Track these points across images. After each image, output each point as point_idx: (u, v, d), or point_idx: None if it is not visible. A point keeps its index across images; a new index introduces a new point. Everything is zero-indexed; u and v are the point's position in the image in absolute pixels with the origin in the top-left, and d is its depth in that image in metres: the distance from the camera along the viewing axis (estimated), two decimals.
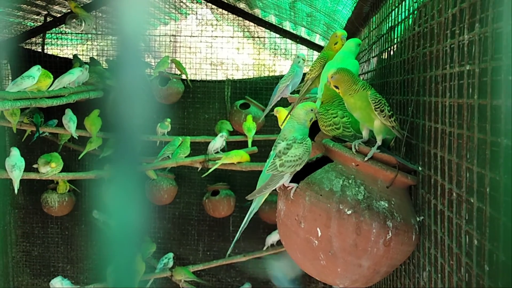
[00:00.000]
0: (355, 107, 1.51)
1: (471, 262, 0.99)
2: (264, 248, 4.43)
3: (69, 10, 4.37)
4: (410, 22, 1.61)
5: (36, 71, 3.29)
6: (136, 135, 0.57)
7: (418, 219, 1.42)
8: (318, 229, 1.37)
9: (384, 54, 2.08)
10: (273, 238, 4.35)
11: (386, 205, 1.36)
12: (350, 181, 1.40)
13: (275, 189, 1.58)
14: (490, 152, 0.90)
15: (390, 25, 1.93)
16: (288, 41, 4.63)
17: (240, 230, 1.58)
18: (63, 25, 4.53)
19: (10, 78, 4.55)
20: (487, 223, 0.91)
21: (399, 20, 1.77)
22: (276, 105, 3.15)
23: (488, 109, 0.91)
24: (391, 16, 1.90)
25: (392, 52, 1.93)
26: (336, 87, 1.52)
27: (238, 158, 4.06)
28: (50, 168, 3.68)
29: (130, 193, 0.58)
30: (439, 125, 1.23)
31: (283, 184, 1.54)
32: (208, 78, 4.78)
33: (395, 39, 1.86)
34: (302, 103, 1.63)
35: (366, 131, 1.55)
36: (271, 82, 4.47)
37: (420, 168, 1.42)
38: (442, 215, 1.21)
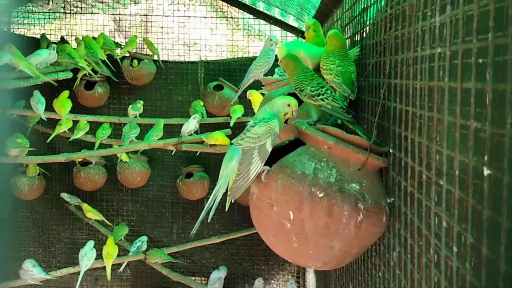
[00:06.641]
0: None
1: (440, 243, 1.00)
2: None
3: None
4: (382, 4, 1.60)
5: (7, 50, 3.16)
6: None
7: (388, 200, 1.43)
8: (290, 212, 1.37)
9: (357, 36, 2.08)
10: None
11: (358, 187, 1.36)
12: (322, 164, 1.40)
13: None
14: (460, 135, 0.91)
15: (362, 6, 1.92)
16: (262, 22, 4.58)
17: (205, 209, 1.57)
18: (30, 3, 4.38)
19: None
20: (456, 205, 0.92)
21: (372, 1, 1.76)
22: (248, 88, 3.12)
23: (458, 92, 0.91)
24: None
25: (365, 34, 1.93)
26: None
27: (220, 139, 4.01)
28: (17, 143, 3.61)
29: None
30: (410, 107, 1.23)
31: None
32: (181, 59, 4.70)
33: (368, 21, 1.85)
34: (285, 96, 1.62)
35: (313, 111, 1.71)
36: (245, 63, 4.44)
37: (391, 150, 1.43)
38: (412, 197, 1.22)
